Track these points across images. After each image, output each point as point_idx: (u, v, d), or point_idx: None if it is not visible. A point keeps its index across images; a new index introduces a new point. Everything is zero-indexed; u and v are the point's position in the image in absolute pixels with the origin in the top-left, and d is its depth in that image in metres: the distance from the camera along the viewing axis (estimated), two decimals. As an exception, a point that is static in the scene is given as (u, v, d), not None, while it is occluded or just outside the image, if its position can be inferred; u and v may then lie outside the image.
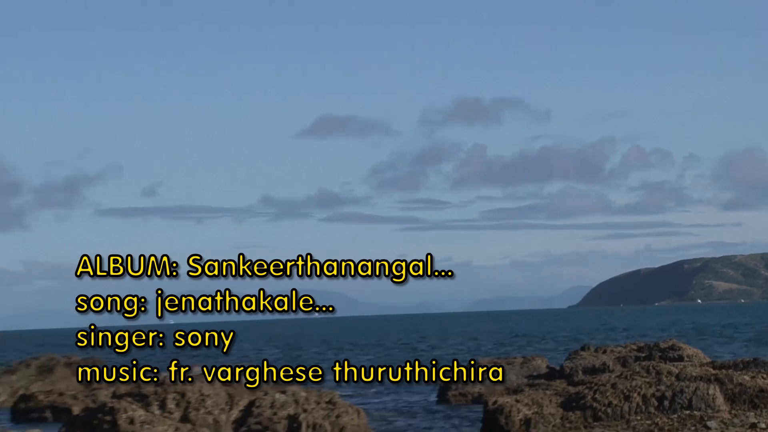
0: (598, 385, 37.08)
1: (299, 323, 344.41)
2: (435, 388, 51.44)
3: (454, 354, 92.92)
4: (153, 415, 29.98)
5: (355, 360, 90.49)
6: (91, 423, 30.12)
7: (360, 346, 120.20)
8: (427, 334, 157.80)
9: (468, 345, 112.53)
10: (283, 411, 29.83)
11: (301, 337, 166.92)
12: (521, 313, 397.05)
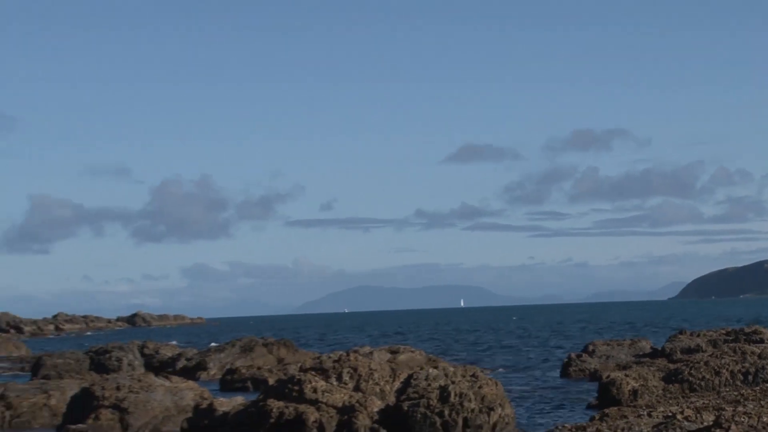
0: (693, 363, 36.60)
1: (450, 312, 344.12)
2: (559, 366, 51.19)
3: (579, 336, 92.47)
4: (331, 385, 30.23)
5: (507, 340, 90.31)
6: (282, 392, 30.45)
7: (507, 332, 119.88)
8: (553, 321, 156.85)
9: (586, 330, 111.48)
10: (435, 383, 29.87)
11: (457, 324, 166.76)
12: (628, 304, 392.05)
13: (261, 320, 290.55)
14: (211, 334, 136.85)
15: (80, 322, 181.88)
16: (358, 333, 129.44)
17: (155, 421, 32.65)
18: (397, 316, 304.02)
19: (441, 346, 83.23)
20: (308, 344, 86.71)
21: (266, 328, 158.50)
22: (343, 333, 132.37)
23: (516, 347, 79.07)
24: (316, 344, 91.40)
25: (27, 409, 35.88)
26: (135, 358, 57.82)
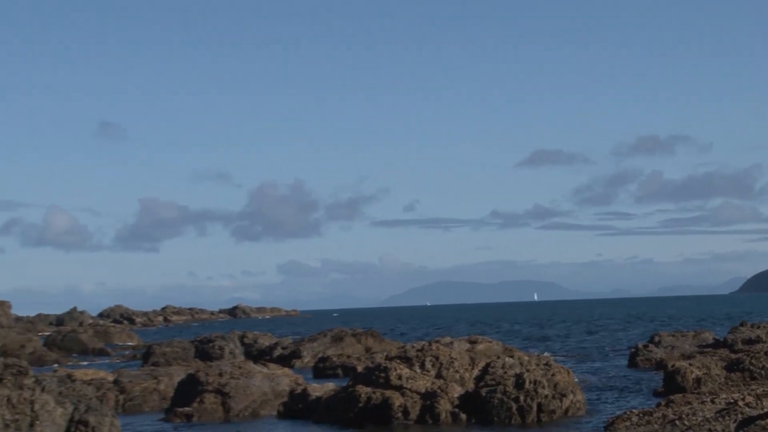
0: (754, 353, 36.03)
1: (524, 306, 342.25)
2: (626, 356, 50.66)
3: (645, 328, 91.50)
4: (415, 372, 30.24)
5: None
6: (370, 378, 30.53)
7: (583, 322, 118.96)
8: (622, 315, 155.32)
9: (652, 322, 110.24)
10: (511, 371, 29.75)
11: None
12: (692, 298, 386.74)
13: (349, 312, 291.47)
14: (304, 325, 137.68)
15: (186, 314, 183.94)
16: (439, 324, 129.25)
17: (254, 404, 32.90)
18: (475, 309, 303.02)
19: (516, 337, 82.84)
20: (393, 335, 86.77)
21: (355, 320, 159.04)
22: (425, 324, 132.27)
23: (586, 338, 78.47)
24: (401, 335, 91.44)
25: (139, 394, 36.38)
26: (236, 347, 58.33)
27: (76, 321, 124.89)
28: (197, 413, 31.79)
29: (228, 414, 32.05)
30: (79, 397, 28.27)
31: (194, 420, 31.37)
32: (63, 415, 26.88)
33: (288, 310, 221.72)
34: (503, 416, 28.51)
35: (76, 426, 26.80)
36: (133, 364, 55.26)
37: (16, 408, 26.35)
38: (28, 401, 26.59)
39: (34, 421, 26.25)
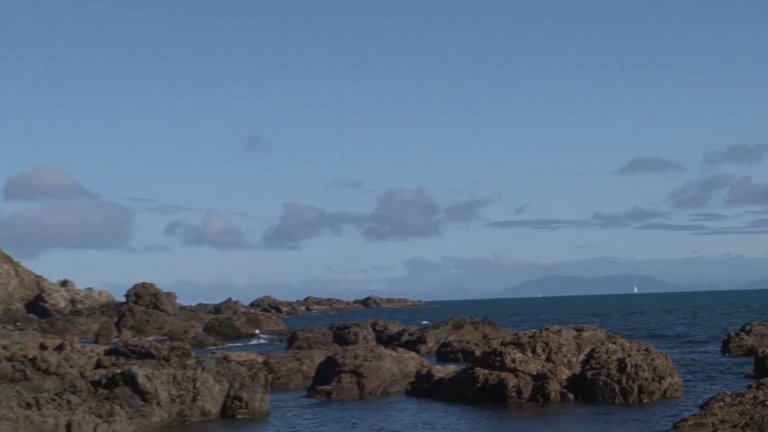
0: (838, 341, 34.86)
1: (625, 298, 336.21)
2: (719, 343, 49.43)
3: (737, 317, 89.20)
4: (527, 356, 30.00)
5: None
6: (487, 361, 30.39)
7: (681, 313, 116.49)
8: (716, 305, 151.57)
9: (744, 313, 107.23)
10: (614, 355, 29.31)
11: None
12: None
13: (467, 303, 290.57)
14: (428, 314, 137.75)
15: (325, 303, 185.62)
16: (548, 314, 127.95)
17: (385, 383, 33.05)
18: (580, 300, 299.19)
19: (618, 325, 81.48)
20: (507, 323, 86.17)
21: (472, 310, 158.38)
22: (536, 314, 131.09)
23: (682, 327, 76.79)
24: (514, 323, 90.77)
25: (285, 373, 36.86)
26: (368, 333, 58.68)
27: (231, 309, 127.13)
28: (335, 391, 32.07)
29: (362, 392, 32.25)
30: (234, 375, 28.80)
31: (333, 397, 31.66)
32: (220, 392, 27.41)
33: (414, 300, 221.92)
34: (607, 396, 28.15)
35: (231, 401, 27.31)
36: (279, 347, 56.03)
37: (180, 385, 26.97)
38: (190, 379, 27.20)
39: (196, 396, 26.84)
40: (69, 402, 23.49)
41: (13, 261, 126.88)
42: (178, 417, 26.11)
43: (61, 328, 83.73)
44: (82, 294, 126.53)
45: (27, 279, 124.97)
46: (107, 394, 25.71)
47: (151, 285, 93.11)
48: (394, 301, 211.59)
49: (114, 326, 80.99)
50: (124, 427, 22.28)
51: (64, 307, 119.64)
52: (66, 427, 21.29)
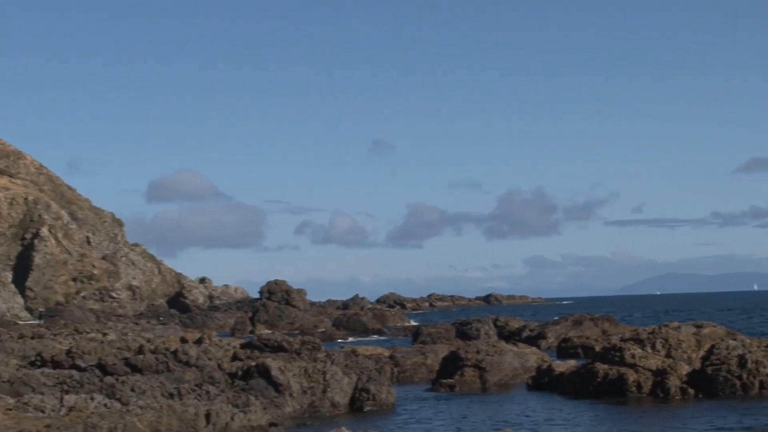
0: None
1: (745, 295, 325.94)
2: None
3: None
4: (647, 352, 29.40)
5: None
6: (607, 357, 29.91)
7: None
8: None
9: None
10: (734, 352, 28.49)
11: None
12: None
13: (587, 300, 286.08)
14: (548, 310, 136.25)
15: (448, 300, 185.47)
16: (668, 311, 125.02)
17: (506, 377, 32.85)
18: (699, 298, 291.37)
19: (738, 322, 79.06)
20: (627, 320, 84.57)
21: (592, 307, 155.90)
22: (655, 310, 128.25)
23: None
24: (633, 319, 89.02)
25: (410, 367, 36.98)
26: (490, 329, 58.39)
27: (358, 306, 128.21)
28: (458, 384, 32.02)
29: (484, 385, 32.13)
30: (362, 368, 29.04)
31: (456, 390, 31.61)
32: (349, 384, 27.68)
33: (534, 297, 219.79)
34: (728, 392, 27.37)
35: (359, 393, 27.54)
36: (404, 342, 56.22)
37: (311, 377, 27.34)
38: (321, 371, 27.53)
39: (326, 387, 27.16)
40: (208, 392, 24.07)
41: (156, 259, 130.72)
42: (309, 408, 26.47)
43: (200, 323, 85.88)
44: (219, 290, 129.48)
45: (169, 276, 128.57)
46: (243, 385, 26.24)
47: (283, 282, 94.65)
48: (514, 297, 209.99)
49: (249, 321, 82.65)
50: (258, 416, 22.70)
51: (203, 302, 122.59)
52: (205, 417, 21.81)
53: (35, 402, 21.92)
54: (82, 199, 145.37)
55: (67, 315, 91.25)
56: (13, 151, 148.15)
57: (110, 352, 32.52)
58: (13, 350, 34.89)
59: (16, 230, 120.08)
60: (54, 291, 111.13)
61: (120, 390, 23.76)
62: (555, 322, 57.87)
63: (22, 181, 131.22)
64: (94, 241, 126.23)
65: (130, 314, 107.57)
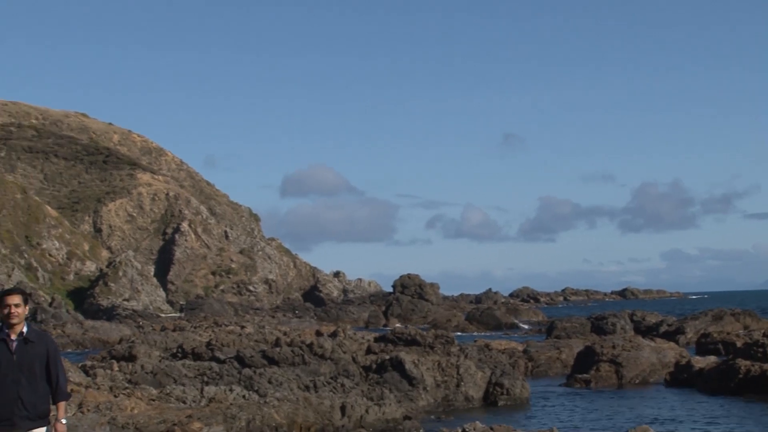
0: None
1: None
2: None
3: None
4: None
5: None
6: (749, 352, 28.96)
7: None
8: None
9: None
10: None
11: None
12: None
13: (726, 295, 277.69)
14: (686, 305, 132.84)
15: (582, 294, 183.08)
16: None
17: (643, 373, 32.18)
18: None
19: None
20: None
21: (732, 301, 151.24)
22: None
23: None
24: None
25: (544, 361, 36.64)
26: (626, 324, 57.30)
27: (491, 300, 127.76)
28: (594, 380, 31.54)
29: (620, 381, 31.56)
30: (495, 363, 28.91)
31: (591, 386, 31.16)
32: (483, 378, 27.60)
33: (672, 292, 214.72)
34: None
35: (493, 387, 27.43)
36: (538, 337, 55.74)
37: (445, 371, 27.37)
38: (454, 365, 27.54)
39: (460, 382, 27.15)
40: (343, 385, 24.38)
41: (291, 254, 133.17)
42: (443, 402, 26.51)
43: (335, 316, 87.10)
44: (353, 284, 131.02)
45: (304, 270, 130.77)
46: (377, 378, 26.47)
47: (415, 276, 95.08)
48: (651, 292, 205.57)
49: (382, 314, 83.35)
50: (393, 410, 22.86)
51: (337, 296, 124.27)
52: (341, 409, 22.09)
53: (177, 393, 22.64)
54: (220, 194, 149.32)
55: (206, 308, 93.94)
56: (155, 148, 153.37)
57: (248, 344, 33.30)
58: (156, 342, 36.12)
59: (158, 225, 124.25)
60: (194, 284, 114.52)
61: (257, 382, 24.31)
62: (694, 316, 56.35)
63: (164, 177, 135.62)
64: (232, 235, 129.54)
65: (267, 307, 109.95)
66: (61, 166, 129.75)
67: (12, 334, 9.20)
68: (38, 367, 9.23)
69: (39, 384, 9.23)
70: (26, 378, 9.14)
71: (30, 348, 9.21)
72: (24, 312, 9.29)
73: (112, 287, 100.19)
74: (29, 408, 9.13)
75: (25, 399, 9.11)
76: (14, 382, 9.09)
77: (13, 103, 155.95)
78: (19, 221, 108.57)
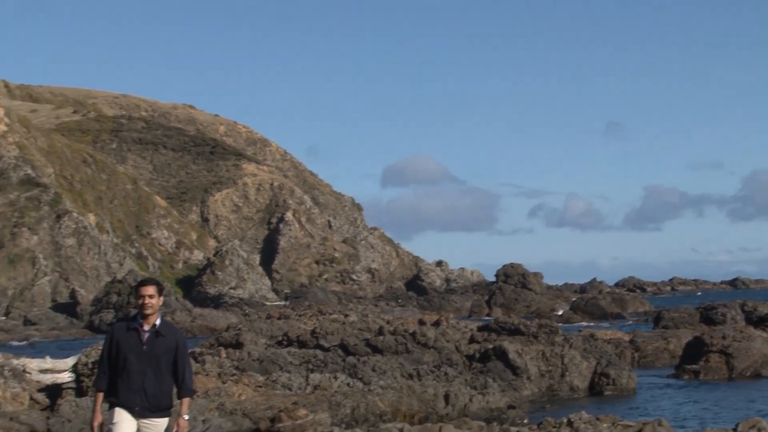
0: None
1: None
2: None
3: None
4: None
5: None
6: None
7: None
8: None
9: None
10: None
11: None
12: None
13: None
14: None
15: (691, 284, 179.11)
16: None
17: (755, 365, 31.36)
18: None
19: None
20: None
21: None
22: None
23: None
24: None
25: (651, 352, 36.04)
26: (737, 314, 55.80)
27: (596, 289, 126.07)
28: (703, 371, 30.88)
29: (731, 373, 30.81)
30: (601, 353, 28.57)
31: (701, 377, 30.51)
32: (588, 368, 27.31)
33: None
34: None
35: (599, 377, 27.12)
36: (644, 327, 54.83)
37: (549, 360, 27.17)
38: (558, 355, 27.31)
39: (564, 372, 26.91)
40: (446, 374, 24.42)
41: (393, 243, 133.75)
42: (547, 391, 26.33)
43: (437, 305, 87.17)
44: (455, 273, 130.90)
45: (406, 259, 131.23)
46: (481, 367, 26.43)
47: (518, 265, 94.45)
48: (764, 281, 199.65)
49: (485, 304, 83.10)
50: (497, 399, 22.81)
51: (440, 285, 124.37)
52: (444, 398, 22.14)
53: (283, 380, 23.01)
54: (323, 184, 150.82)
55: (310, 296, 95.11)
56: (259, 139, 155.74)
57: (352, 333, 33.62)
58: (262, 330, 36.75)
59: (263, 215, 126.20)
60: (298, 273, 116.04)
61: (361, 370, 24.52)
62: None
63: (268, 167, 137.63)
64: (335, 224, 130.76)
65: (370, 296, 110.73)
66: (170, 157, 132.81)
67: (146, 324, 9.24)
68: (165, 362, 9.24)
69: (164, 378, 9.25)
70: (152, 371, 9.18)
71: (160, 341, 9.23)
72: (158, 303, 9.34)
73: (219, 276, 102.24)
74: (151, 400, 9.17)
75: (149, 391, 9.16)
76: (140, 373, 9.16)
77: (123, 96, 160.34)
78: (130, 211, 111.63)
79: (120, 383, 9.19)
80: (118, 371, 9.21)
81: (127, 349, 9.19)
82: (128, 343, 9.20)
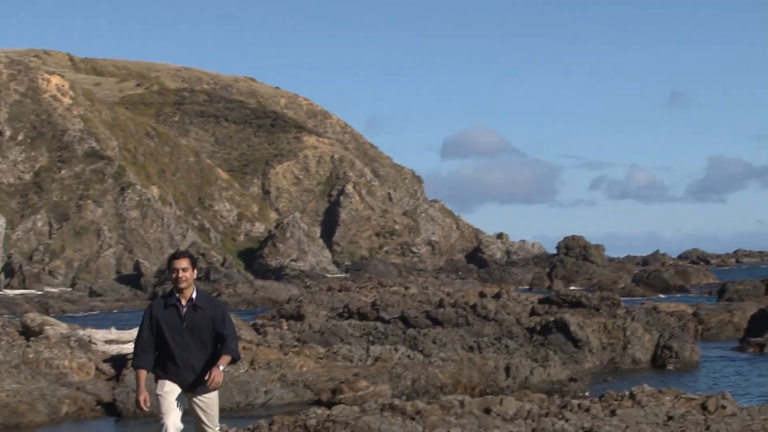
0: None
1: None
2: None
3: None
4: None
5: None
6: None
7: None
8: None
9: None
10: None
11: None
12: None
13: None
14: None
15: (756, 256, 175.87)
16: None
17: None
18: None
19: None
20: None
21: None
22: None
23: None
24: None
25: (715, 324, 35.58)
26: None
27: (659, 261, 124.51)
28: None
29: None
30: (663, 326, 28.30)
31: (765, 350, 30.03)
32: (650, 341, 27.06)
33: None
34: None
35: (661, 350, 26.87)
36: (708, 299, 54.11)
37: (611, 333, 26.97)
38: (620, 328, 27.10)
39: (626, 344, 26.71)
40: (507, 346, 24.38)
41: (453, 215, 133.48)
42: (609, 364, 26.16)
43: (498, 278, 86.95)
44: (516, 246, 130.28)
45: (467, 232, 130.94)
46: (542, 340, 26.33)
47: (580, 237, 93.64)
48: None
49: (546, 276, 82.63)
50: (558, 371, 22.72)
51: (500, 258, 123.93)
52: (505, 370, 22.11)
53: (344, 351, 23.16)
54: (384, 156, 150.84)
55: (371, 269, 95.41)
56: (320, 111, 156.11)
57: (412, 305, 33.70)
58: (323, 302, 37.03)
59: (324, 187, 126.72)
60: (358, 245, 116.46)
61: (422, 342, 24.59)
62: None
63: (329, 140, 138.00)
64: (395, 197, 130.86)
65: (430, 269, 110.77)
66: (231, 129, 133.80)
67: (182, 299, 9.13)
68: (207, 334, 9.14)
69: (208, 350, 9.16)
70: (195, 344, 9.12)
71: (199, 315, 9.11)
72: (192, 276, 9.17)
73: (280, 248, 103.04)
74: (201, 375, 9.07)
75: (197, 366, 9.09)
76: (185, 348, 9.10)
77: (186, 68, 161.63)
78: (192, 184, 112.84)
79: (167, 361, 9.16)
80: (161, 349, 9.16)
81: (168, 326, 9.11)
82: (168, 320, 9.12)
